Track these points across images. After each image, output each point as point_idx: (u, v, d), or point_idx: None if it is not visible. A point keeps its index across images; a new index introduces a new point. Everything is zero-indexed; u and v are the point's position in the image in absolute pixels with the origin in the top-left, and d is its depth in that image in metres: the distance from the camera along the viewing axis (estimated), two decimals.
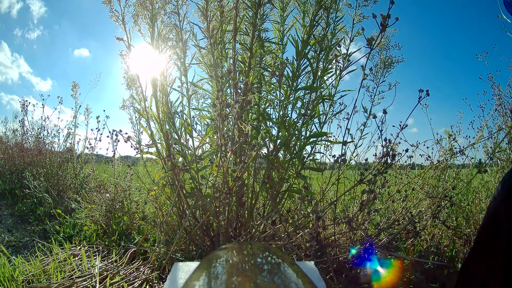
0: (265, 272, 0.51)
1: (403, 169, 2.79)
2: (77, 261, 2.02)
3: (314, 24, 1.82)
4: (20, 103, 5.07)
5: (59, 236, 2.56)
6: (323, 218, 2.16)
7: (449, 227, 2.29)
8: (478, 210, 2.57)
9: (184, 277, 0.66)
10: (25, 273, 1.82)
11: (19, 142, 5.28)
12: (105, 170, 4.60)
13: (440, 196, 2.02)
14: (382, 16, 1.29)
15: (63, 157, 4.31)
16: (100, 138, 3.99)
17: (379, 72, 2.12)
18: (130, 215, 2.52)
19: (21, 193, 4.11)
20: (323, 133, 1.96)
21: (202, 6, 1.87)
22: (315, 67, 1.88)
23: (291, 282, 0.47)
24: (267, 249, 0.63)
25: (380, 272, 1.66)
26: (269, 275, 0.50)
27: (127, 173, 2.75)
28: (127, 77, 2.05)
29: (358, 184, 1.54)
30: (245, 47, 1.86)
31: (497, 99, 2.94)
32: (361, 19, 1.96)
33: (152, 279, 1.79)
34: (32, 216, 3.30)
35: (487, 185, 2.88)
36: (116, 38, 1.86)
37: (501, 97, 2.93)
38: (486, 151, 2.83)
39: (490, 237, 0.99)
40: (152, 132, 1.97)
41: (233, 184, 1.53)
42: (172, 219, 2.11)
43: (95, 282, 1.70)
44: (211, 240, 1.89)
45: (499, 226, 0.95)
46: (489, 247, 0.98)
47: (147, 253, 2.07)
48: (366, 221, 2.03)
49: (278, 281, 0.47)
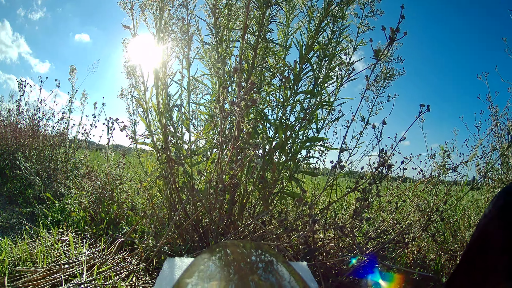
0: (260, 270, 0.51)
1: (395, 181, 2.81)
2: (64, 247, 2.01)
3: (320, 30, 1.83)
4: (18, 83, 5.01)
5: (47, 220, 2.54)
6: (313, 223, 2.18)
7: (436, 241, 2.31)
8: (466, 227, 2.59)
9: (177, 273, 0.66)
10: (12, 256, 1.80)
11: (13, 122, 5.22)
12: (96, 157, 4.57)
13: (431, 210, 2.03)
14: (391, 30, 1.30)
15: (56, 140, 4.26)
16: (96, 125, 3.96)
17: (379, 83, 2.14)
18: (120, 204, 2.51)
19: (11, 174, 4.06)
20: (320, 138, 1.96)
21: (211, 2, 1.87)
22: (317, 73, 1.88)
23: (285, 280, 0.47)
24: (261, 247, 0.64)
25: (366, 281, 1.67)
26: (264, 273, 0.50)
27: (119, 162, 2.74)
28: (128, 66, 2.05)
29: (352, 191, 1.55)
30: (250, 46, 1.86)
31: (494, 120, 2.98)
32: (366, 29, 1.98)
33: (139, 271, 1.78)
34: (21, 198, 3.27)
35: (477, 203, 2.91)
36: (123, 25, 1.85)
37: (498, 118, 2.97)
38: (479, 169, 2.86)
39: (478, 253, 1.00)
40: (149, 122, 1.96)
41: (228, 182, 1.54)
42: (162, 212, 2.11)
43: (82, 270, 1.69)
44: (199, 236, 1.89)
45: (488, 243, 0.97)
46: (477, 263, 0.99)
47: (134, 244, 2.06)
48: (355, 229, 2.05)
49: (272, 279, 0.47)
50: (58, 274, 1.64)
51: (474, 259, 1.02)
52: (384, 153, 1.60)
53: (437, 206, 2.08)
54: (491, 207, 1.00)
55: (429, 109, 1.48)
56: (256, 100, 1.23)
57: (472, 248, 1.04)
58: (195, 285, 0.44)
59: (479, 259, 0.99)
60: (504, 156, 2.69)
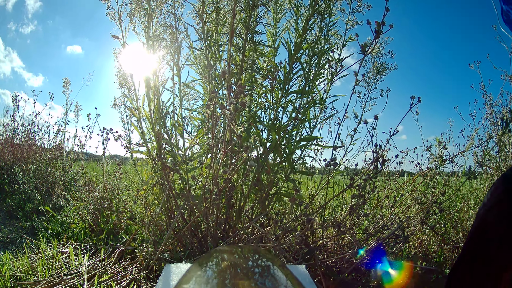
0: (256, 275, 0.51)
1: (393, 176, 2.81)
2: (65, 258, 2.01)
3: (308, 28, 1.83)
4: (12, 98, 5.03)
5: (47, 233, 2.54)
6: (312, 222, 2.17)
7: (437, 233, 2.30)
8: (466, 217, 2.59)
9: (175, 279, 0.66)
10: (13, 269, 1.82)
11: (9, 137, 5.22)
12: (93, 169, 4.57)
13: (429, 202, 2.03)
14: (377, 23, 1.30)
15: (52, 153, 4.27)
16: (91, 136, 3.96)
17: (371, 78, 2.14)
18: (118, 214, 2.51)
19: (9, 189, 4.06)
20: (314, 137, 1.96)
21: (199, 8, 1.87)
22: (307, 71, 1.88)
23: (281, 285, 0.47)
24: (258, 252, 0.64)
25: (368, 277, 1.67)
26: (260, 278, 0.50)
27: (116, 172, 2.74)
28: (120, 76, 2.05)
29: (347, 188, 1.55)
30: (238, 49, 1.86)
31: (488, 108, 2.97)
32: (354, 24, 1.98)
33: (140, 279, 1.78)
34: (20, 212, 3.27)
35: (476, 192, 2.91)
36: (112, 36, 1.85)
37: (492, 106, 2.97)
38: (476, 159, 2.86)
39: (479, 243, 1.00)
40: (143, 131, 1.96)
41: (223, 186, 1.53)
42: (160, 219, 2.11)
43: (82, 281, 1.69)
44: (199, 241, 1.89)
45: (488, 233, 0.97)
46: (478, 253, 0.99)
47: (134, 252, 2.06)
48: (355, 226, 2.04)
49: (268, 284, 0.47)
50: (59, 285, 1.64)
51: (475, 249, 1.02)
52: (378, 148, 1.59)
53: (435, 198, 2.08)
54: (490, 195, 1.00)
55: (420, 100, 1.47)
56: (245, 103, 1.23)
57: (473, 238, 1.04)
58: None
59: (480, 250, 0.99)
60: (501, 144, 2.69)
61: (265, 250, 0.67)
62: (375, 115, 1.72)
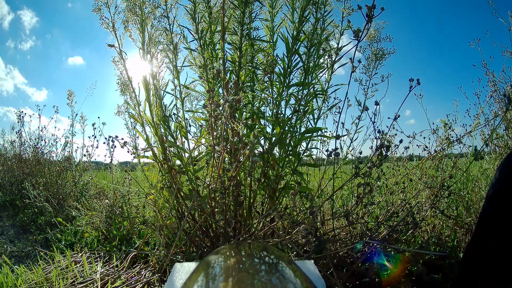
0: (263, 272, 0.51)
1: (401, 161, 2.79)
2: (79, 267, 2.03)
3: (303, 20, 1.82)
4: (16, 115, 5.09)
5: (61, 244, 2.57)
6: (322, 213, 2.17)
7: (449, 217, 2.29)
8: (478, 198, 2.57)
9: (183, 277, 0.66)
10: (28, 282, 1.84)
11: (18, 153, 5.30)
12: (104, 177, 4.61)
13: (439, 186, 2.02)
14: (367, 7, 1.29)
15: (61, 166, 4.32)
16: (97, 145, 3.99)
17: (371, 64, 2.12)
18: (130, 220, 2.53)
19: (21, 204, 4.11)
20: (318, 128, 1.95)
21: (190, 8, 1.87)
22: (307, 63, 1.88)
23: (288, 282, 0.47)
24: (265, 248, 0.64)
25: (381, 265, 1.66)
26: (267, 275, 0.50)
27: (126, 178, 2.76)
28: (121, 83, 2.06)
29: (353, 177, 1.54)
30: (234, 46, 1.86)
31: (492, 86, 2.95)
32: (350, 12, 1.96)
33: (154, 282, 1.79)
34: (34, 226, 3.31)
35: (486, 172, 2.88)
36: (107, 45, 1.86)
37: (495, 84, 2.94)
38: (484, 138, 2.83)
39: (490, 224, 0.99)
40: (147, 136, 1.97)
41: (228, 184, 1.54)
42: (171, 221, 2.12)
43: (96, 287, 1.71)
44: (211, 240, 1.89)
45: (497, 213, 0.95)
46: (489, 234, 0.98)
47: (148, 256, 2.07)
48: (366, 215, 2.04)
49: (275, 281, 0.47)
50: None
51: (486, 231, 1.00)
52: (381, 134, 1.58)
53: (444, 181, 2.06)
54: (498, 175, 0.98)
55: (419, 82, 1.46)
56: (240, 100, 1.23)
57: (483, 219, 1.03)
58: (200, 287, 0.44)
59: (491, 231, 0.98)
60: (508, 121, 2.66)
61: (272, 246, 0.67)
62: (376, 101, 1.71)
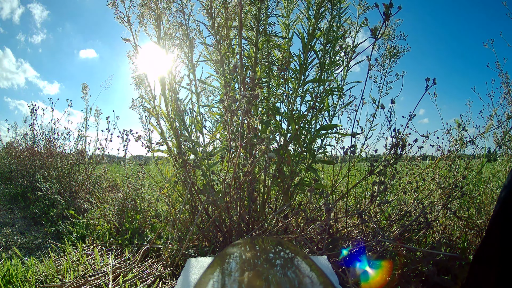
0: (279, 267, 0.52)
1: (414, 160, 2.78)
2: (90, 260, 2.05)
3: (319, 17, 1.81)
4: (29, 108, 5.12)
5: (72, 236, 2.58)
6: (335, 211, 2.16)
7: (461, 218, 2.27)
8: (489, 200, 2.54)
9: (197, 272, 0.67)
10: (38, 274, 1.84)
11: (30, 146, 5.35)
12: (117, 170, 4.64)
13: (451, 186, 2.00)
14: (385, 6, 1.29)
15: (74, 158, 4.35)
16: (111, 139, 4.01)
17: (385, 62, 2.12)
18: (143, 213, 2.55)
19: (33, 196, 4.15)
20: (333, 126, 1.95)
21: (207, 4, 1.88)
22: (322, 60, 1.87)
23: (304, 276, 0.47)
24: (280, 243, 0.64)
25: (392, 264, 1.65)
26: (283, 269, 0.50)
27: (139, 172, 2.78)
28: (135, 77, 2.07)
29: (368, 175, 1.54)
30: (250, 42, 1.86)
31: (505, 87, 2.92)
32: (366, 9, 1.96)
33: (165, 276, 1.80)
34: (45, 218, 3.33)
35: (498, 175, 2.85)
36: (122, 39, 1.87)
37: (509, 85, 2.91)
38: (496, 140, 2.80)
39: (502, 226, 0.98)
40: (162, 130, 1.98)
41: (243, 179, 1.54)
42: (184, 215, 2.13)
43: (107, 280, 1.72)
44: (223, 235, 1.90)
45: (510, 215, 0.94)
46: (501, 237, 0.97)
47: (160, 250, 2.09)
48: (378, 213, 2.03)
49: (291, 275, 0.47)
50: (84, 286, 1.67)
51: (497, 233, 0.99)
52: (397, 133, 1.58)
53: (457, 182, 2.04)
54: (510, 177, 0.97)
55: (435, 82, 1.45)
56: (257, 95, 1.23)
57: (495, 222, 1.02)
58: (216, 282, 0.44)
59: (503, 234, 0.97)
60: None
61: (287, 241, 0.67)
62: (392, 100, 1.70)
